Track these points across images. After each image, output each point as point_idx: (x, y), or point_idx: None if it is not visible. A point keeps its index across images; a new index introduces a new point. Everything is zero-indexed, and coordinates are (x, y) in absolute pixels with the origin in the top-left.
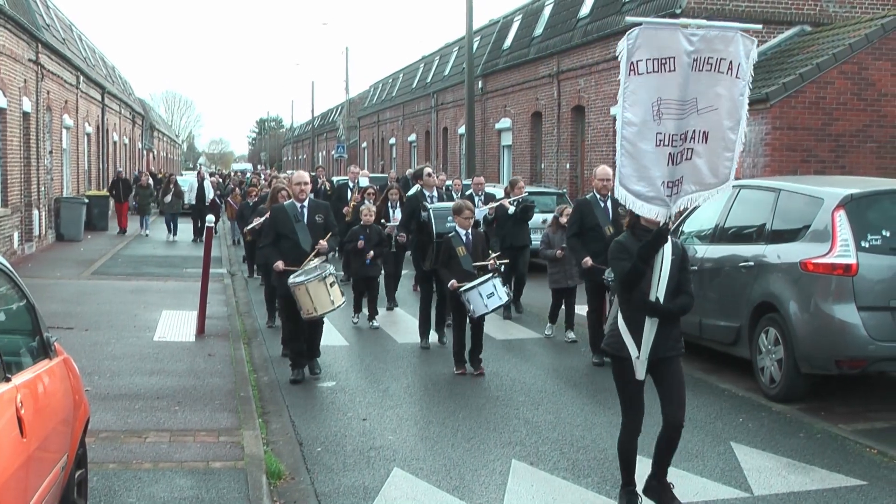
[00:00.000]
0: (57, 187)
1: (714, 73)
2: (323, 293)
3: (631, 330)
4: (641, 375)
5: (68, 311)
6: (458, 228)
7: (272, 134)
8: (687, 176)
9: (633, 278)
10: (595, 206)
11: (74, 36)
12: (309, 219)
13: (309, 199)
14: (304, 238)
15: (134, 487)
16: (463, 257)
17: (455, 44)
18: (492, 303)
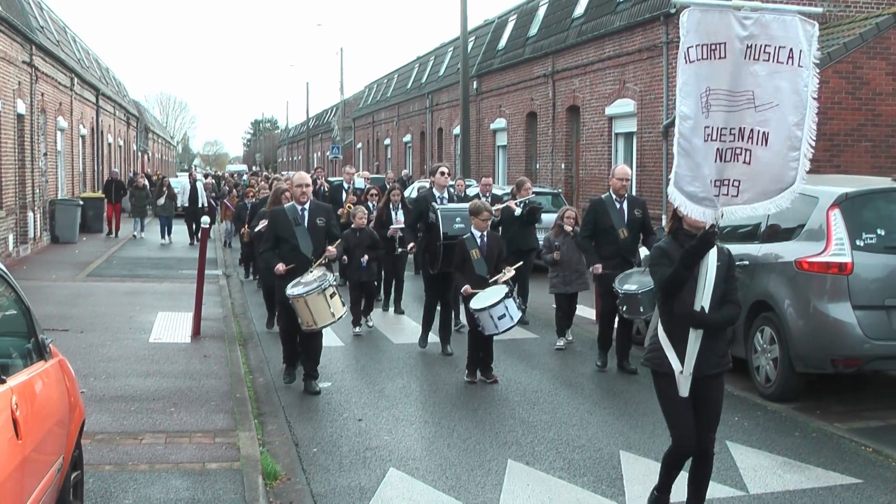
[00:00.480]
0: (52, 189)
1: (772, 63)
2: (322, 305)
3: (673, 343)
4: (685, 392)
5: (63, 314)
6: (473, 230)
7: (267, 135)
8: (744, 182)
9: (674, 286)
10: (610, 206)
11: (68, 38)
12: (310, 222)
13: (310, 202)
14: (305, 243)
15: (130, 489)
16: (476, 261)
17: (450, 44)
18: (503, 324)
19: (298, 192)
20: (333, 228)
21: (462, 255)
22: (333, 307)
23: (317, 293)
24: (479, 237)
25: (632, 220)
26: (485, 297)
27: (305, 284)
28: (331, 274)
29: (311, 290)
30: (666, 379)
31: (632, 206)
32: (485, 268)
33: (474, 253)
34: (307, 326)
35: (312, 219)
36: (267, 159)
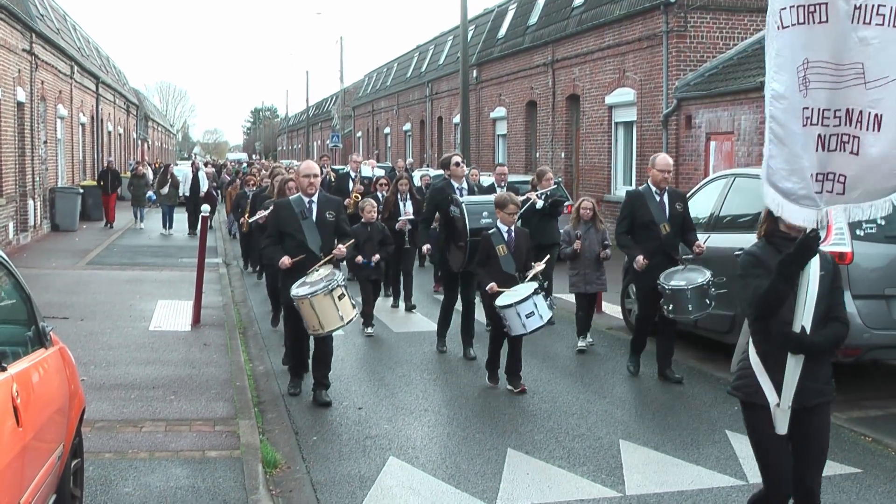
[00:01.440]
0: (52, 178)
1: (888, 27)
2: (330, 308)
3: (768, 369)
4: (783, 429)
5: (64, 301)
6: (499, 224)
7: (267, 123)
8: (852, 176)
9: (772, 301)
10: (649, 199)
11: (68, 26)
12: (319, 216)
13: (319, 194)
14: (312, 238)
15: (130, 477)
16: (503, 257)
17: (449, 33)
18: (531, 323)
19: (306, 183)
20: (344, 224)
21: (487, 250)
22: (342, 310)
23: (323, 294)
24: (505, 232)
25: (674, 215)
26: (512, 294)
27: (311, 284)
28: (339, 273)
29: (317, 290)
30: (759, 412)
31: (672, 199)
32: (512, 265)
33: (501, 249)
34: (313, 331)
35: (321, 213)
36: (267, 148)
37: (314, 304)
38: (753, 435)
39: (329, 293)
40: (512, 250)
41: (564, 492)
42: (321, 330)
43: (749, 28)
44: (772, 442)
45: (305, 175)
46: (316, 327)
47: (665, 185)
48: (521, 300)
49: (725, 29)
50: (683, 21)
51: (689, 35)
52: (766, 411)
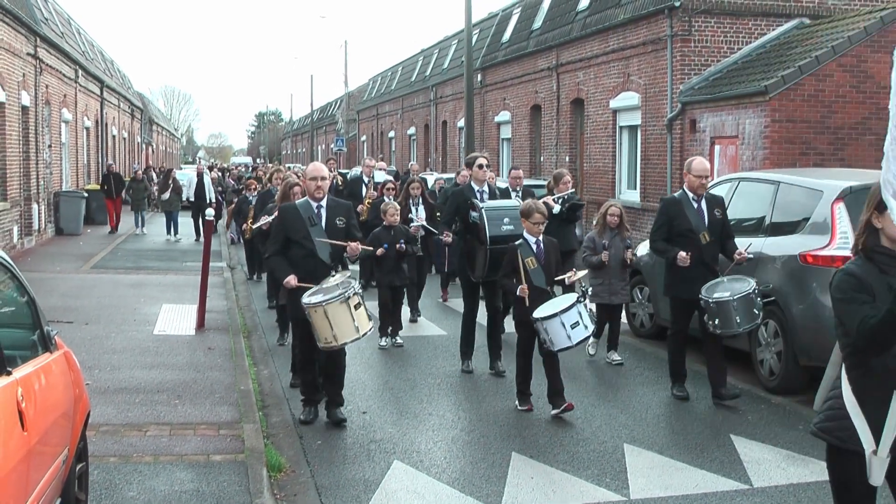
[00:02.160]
0: (56, 181)
1: None
2: (345, 318)
3: (865, 409)
4: (879, 480)
5: (68, 305)
6: (525, 235)
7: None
8: None
9: (886, 334)
10: (686, 206)
11: (73, 30)
12: (328, 222)
13: (328, 199)
14: (322, 246)
15: (134, 481)
16: (533, 270)
17: (454, 37)
18: (577, 335)
19: (313, 187)
20: (355, 230)
21: (512, 264)
22: (358, 320)
23: (339, 302)
24: (533, 243)
25: (713, 223)
26: (551, 305)
27: (325, 291)
28: (355, 281)
29: (333, 298)
30: (849, 459)
31: (711, 205)
32: (543, 278)
33: (530, 262)
34: (325, 343)
35: (331, 218)
36: (271, 152)
37: (328, 312)
38: (841, 484)
39: (345, 301)
40: (542, 262)
41: (569, 496)
42: (334, 342)
43: (753, 32)
44: (862, 493)
45: (312, 178)
46: (329, 339)
47: (702, 190)
48: (566, 309)
49: (730, 33)
50: (688, 25)
51: (694, 39)
52: (860, 458)
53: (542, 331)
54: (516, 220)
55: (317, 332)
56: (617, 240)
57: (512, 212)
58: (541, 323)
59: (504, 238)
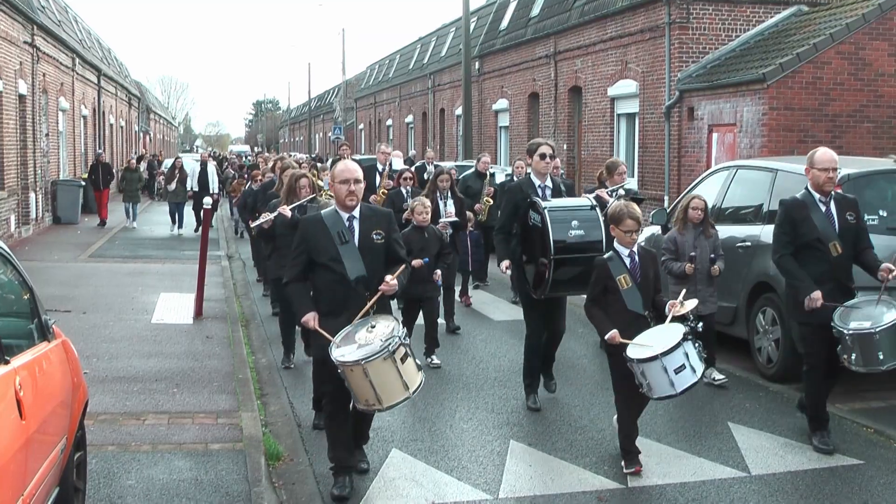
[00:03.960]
0: (53, 170)
1: None
2: (391, 377)
3: None
4: None
5: (66, 294)
6: (617, 247)
7: (269, 116)
8: None
9: None
10: (813, 210)
11: (70, 18)
12: (362, 239)
13: (362, 207)
14: (355, 268)
15: (133, 469)
16: (627, 291)
17: (452, 24)
18: (682, 381)
19: (343, 192)
20: (397, 247)
21: (602, 282)
22: (407, 376)
23: (382, 358)
24: (626, 256)
25: (845, 229)
26: (646, 339)
27: (362, 343)
28: (399, 324)
29: (374, 354)
30: None
31: (842, 208)
32: (639, 300)
33: (623, 280)
34: (367, 406)
35: (366, 233)
36: (269, 140)
37: (369, 372)
38: None
39: (390, 356)
40: (637, 280)
41: (567, 483)
42: (378, 405)
43: (751, 19)
44: None
45: (343, 181)
46: (371, 402)
47: (830, 187)
48: (670, 350)
49: (728, 20)
50: (686, 12)
51: (692, 26)
52: None
53: (639, 374)
54: (588, 224)
55: (354, 392)
56: (703, 240)
57: (582, 213)
58: (635, 364)
59: (572, 246)
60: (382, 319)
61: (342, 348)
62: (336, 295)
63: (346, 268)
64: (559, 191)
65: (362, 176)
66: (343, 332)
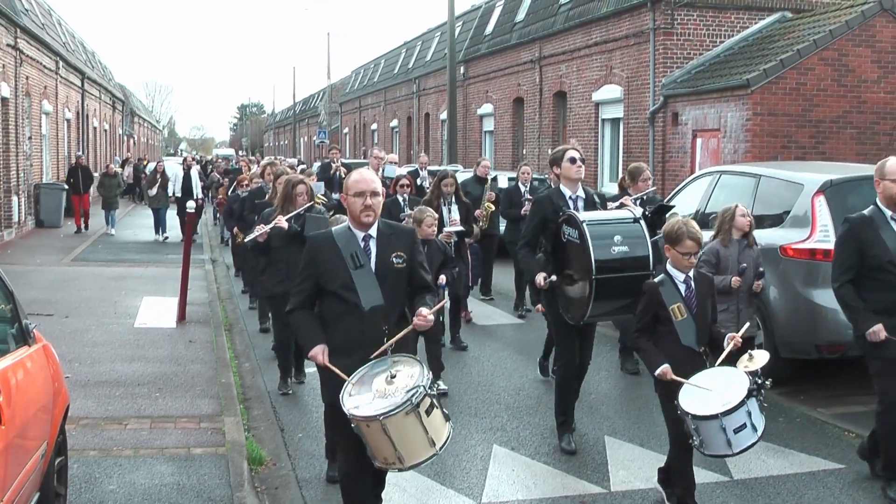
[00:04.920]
0: (36, 173)
1: None
2: (414, 432)
3: None
4: None
5: (48, 298)
6: (670, 269)
7: (253, 119)
8: None
9: None
10: (883, 228)
11: (53, 21)
12: (380, 262)
13: (380, 225)
14: (371, 296)
15: (114, 474)
16: (681, 322)
17: (437, 29)
18: (740, 441)
19: (358, 207)
20: (422, 271)
21: (652, 311)
22: (433, 430)
23: (404, 412)
24: (681, 281)
25: None
26: (706, 383)
27: (381, 392)
28: (423, 368)
29: (394, 409)
30: None
31: None
32: (695, 334)
33: (677, 310)
34: (384, 464)
35: (385, 255)
36: (253, 144)
37: (389, 428)
38: None
39: (413, 409)
40: (693, 311)
41: (550, 488)
42: (398, 464)
43: (736, 25)
44: None
45: (358, 193)
46: (390, 460)
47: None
48: (732, 409)
49: (712, 26)
50: (670, 18)
51: (676, 32)
52: None
53: (692, 430)
54: (632, 239)
55: (372, 452)
56: (747, 252)
57: (625, 226)
58: (691, 419)
59: (616, 264)
60: (404, 364)
61: (356, 397)
62: (348, 329)
63: (360, 296)
64: (593, 203)
65: (381, 187)
66: (358, 372)
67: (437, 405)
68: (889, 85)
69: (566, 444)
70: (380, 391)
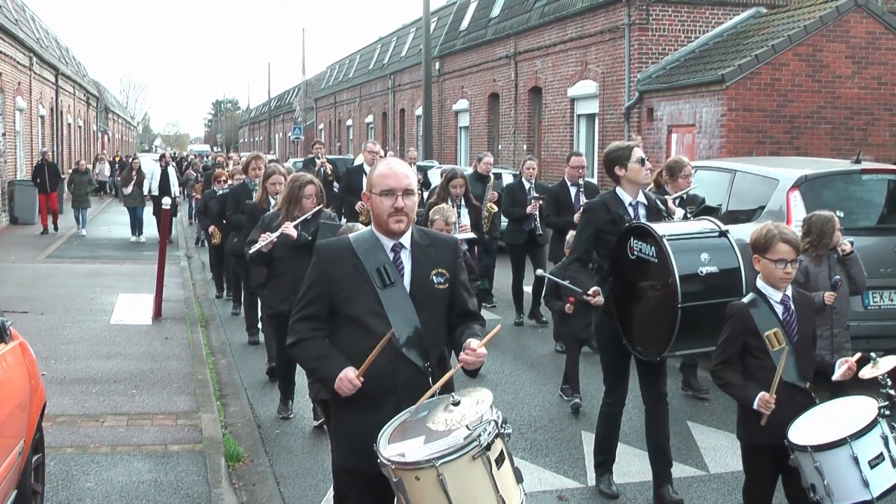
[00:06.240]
0: (10, 170)
1: None
2: (482, 489)
3: None
4: None
5: (23, 295)
6: (762, 287)
7: (228, 116)
8: None
9: None
10: None
11: (27, 17)
12: (416, 280)
13: (414, 232)
14: (405, 324)
15: (92, 472)
16: (778, 352)
17: (412, 25)
18: (880, 480)
19: (387, 208)
20: (466, 293)
21: (741, 339)
22: (503, 487)
23: (470, 457)
24: (777, 302)
25: None
26: (820, 422)
27: (435, 429)
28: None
29: (458, 451)
30: None
31: None
32: (798, 367)
33: (774, 337)
34: None
35: (422, 271)
36: (228, 140)
37: (447, 480)
38: None
39: (482, 454)
40: (794, 338)
41: (527, 483)
42: None
43: (710, 21)
44: None
45: (387, 191)
46: None
47: None
48: (863, 430)
49: (687, 22)
50: (645, 14)
51: (651, 28)
52: None
53: (811, 470)
54: (720, 255)
55: None
56: (838, 267)
57: (710, 241)
58: (807, 455)
59: (705, 287)
60: (473, 408)
61: (397, 444)
62: (375, 369)
63: (391, 324)
64: (657, 211)
65: (416, 183)
66: (395, 421)
67: (507, 454)
68: (863, 80)
69: (605, 487)
70: (433, 428)
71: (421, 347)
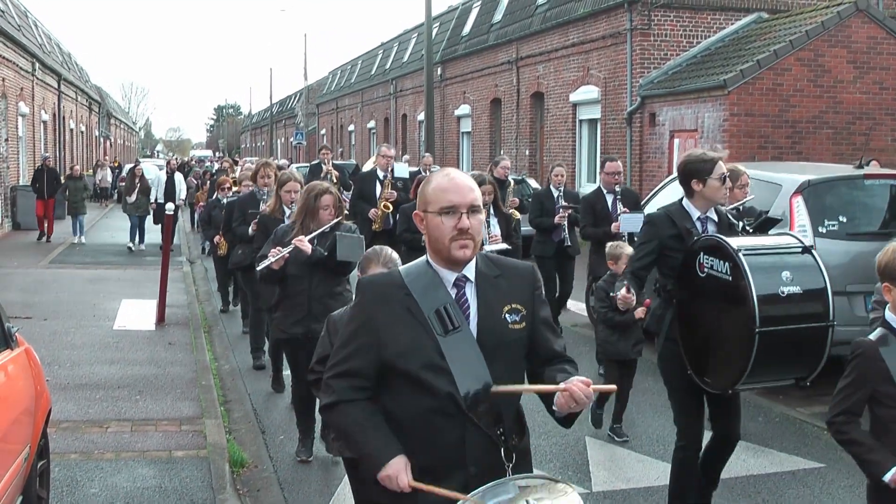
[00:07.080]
0: (13, 176)
1: None
2: None
3: None
4: None
5: (27, 301)
6: (892, 319)
7: (230, 121)
8: None
9: None
10: None
11: (30, 22)
12: (484, 320)
13: (478, 261)
14: (472, 381)
15: (96, 477)
16: None
17: (414, 30)
18: None
19: (447, 231)
20: (549, 332)
21: (868, 386)
22: None
23: None
24: None
25: None
26: None
27: None
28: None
29: None
30: None
31: None
32: None
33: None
34: None
35: (491, 309)
36: (230, 145)
37: None
38: None
39: None
40: None
41: None
42: None
43: (712, 26)
44: None
45: (447, 208)
46: None
47: None
48: None
49: (689, 27)
50: (647, 19)
51: (653, 33)
52: None
53: None
54: (803, 274)
55: None
56: None
57: (792, 258)
58: None
59: (786, 311)
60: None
61: None
62: (437, 437)
63: (455, 381)
64: (728, 226)
65: (480, 198)
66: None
67: None
68: (864, 85)
69: None
70: None
71: (492, 409)
